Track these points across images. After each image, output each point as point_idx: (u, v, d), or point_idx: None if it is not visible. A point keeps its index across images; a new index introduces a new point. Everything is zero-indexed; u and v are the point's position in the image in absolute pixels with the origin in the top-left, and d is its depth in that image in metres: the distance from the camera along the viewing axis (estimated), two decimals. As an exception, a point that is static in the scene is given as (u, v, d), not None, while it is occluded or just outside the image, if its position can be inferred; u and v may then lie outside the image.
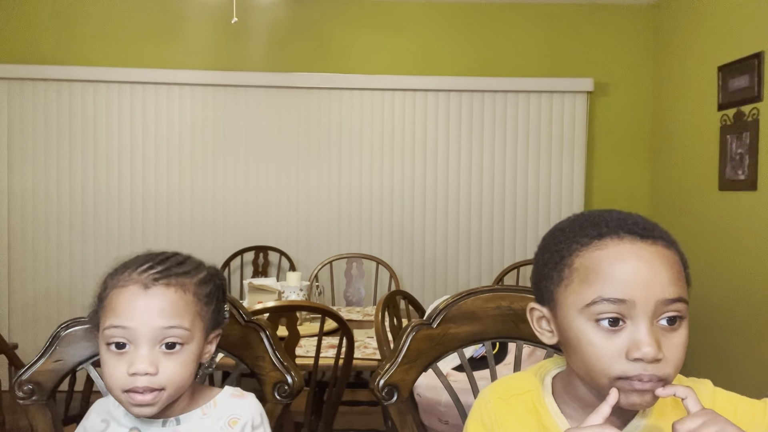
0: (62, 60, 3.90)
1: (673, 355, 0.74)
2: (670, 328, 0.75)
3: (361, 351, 2.37)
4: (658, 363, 0.73)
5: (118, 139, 3.96)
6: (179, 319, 0.90)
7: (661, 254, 0.76)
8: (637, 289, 0.74)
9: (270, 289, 2.82)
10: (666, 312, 0.75)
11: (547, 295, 0.84)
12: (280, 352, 1.16)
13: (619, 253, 0.76)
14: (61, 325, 1.15)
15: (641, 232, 0.77)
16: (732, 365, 3.19)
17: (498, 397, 0.88)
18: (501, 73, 4.03)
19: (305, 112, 4.03)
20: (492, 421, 0.87)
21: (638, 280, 0.74)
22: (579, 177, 4.05)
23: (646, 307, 0.74)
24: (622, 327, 0.75)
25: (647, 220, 0.81)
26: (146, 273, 0.92)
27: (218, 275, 1.02)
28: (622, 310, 0.74)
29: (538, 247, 0.88)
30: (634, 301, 0.74)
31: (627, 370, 0.74)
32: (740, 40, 3.11)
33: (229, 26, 3.73)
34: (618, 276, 0.75)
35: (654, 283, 0.74)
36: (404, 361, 1.09)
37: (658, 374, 0.73)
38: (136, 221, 3.98)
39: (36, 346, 3.44)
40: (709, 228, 3.38)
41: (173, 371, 0.90)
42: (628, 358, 0.74)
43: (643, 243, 0.77)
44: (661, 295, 0.74)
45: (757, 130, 2.99)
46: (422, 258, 4.09)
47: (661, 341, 0.74)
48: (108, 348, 0.90)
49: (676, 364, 0.75)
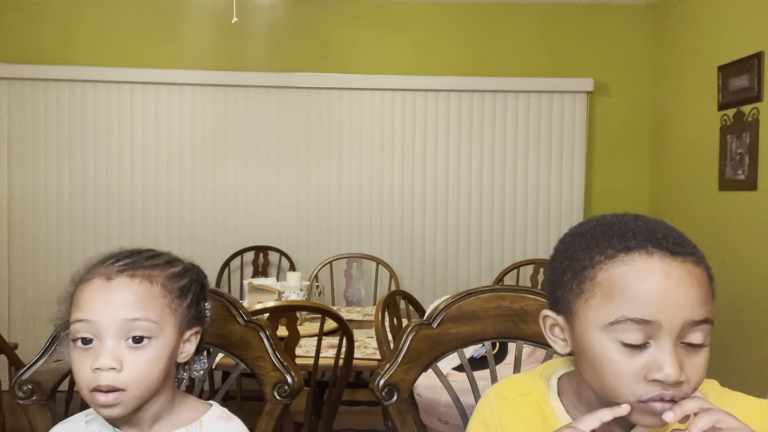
0: (62, 60, 3.90)
1: (695, 376, 0.71)
2: (693, 349, 0.72)
3: (361, 351, 2.37)
4: (679, 385, 0.70)
5: (118, 139, 3.96)
6: (144, 311, 0.85)
7: (692, 273, 0.72)
8: (665, 311, 0.70)
9: (270, 289, 2.82)
10: (692, 332, 0.71)
11: (564, 305, 0.79)
12: (280, 352, 1.16)
13: (648, 270, 0.71)
14: (62, 325, 1.15)
15: (672, 248, 0.73)
16: (733, 365, 3.19)
17: (502, 397, 0.86)
18: (501, 73, 4.03)
19: (305, 112, 4.03)
20: (495, 421, 0.85)
21: (667, 301, 0.70)
22: (579, 177, 4.05)
23: (673, 329, 0.70)
24: (645, 347, 0.71)
25: (677, 233, 0.76)
26: (111, 266, 0.89)
27: (196, 270, 0.97)
28: (647, 330, 0.70)
29: (555, 251, 0.84)
30: (661, 322, 0.70)
31: (646, 392, 0.70)
32: (740, 40, 3.11)
33: (229, 26, 3.73)
34: (645, 296, 0.70)
35: (684, 305, 0.70)
36: (404, 361, 1.09)
37: (680, 395, 0.70)
38: (136, 221, 3.98)
39: (36, 346, 3.43)
40: (709, 228, 3.37)
41: (138, 368, 0.84)
42: (647, 378, 0.70)
43: (673, 260, 0.72)
44: (689, 317, 0.70)
45: (757, 130, 2.99)
46: (422, 258, 4.09)
47: (683, 361, 0.71)
48: (75, 345, 0.86)
49: (696, 386, 0.72)
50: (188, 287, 0.93)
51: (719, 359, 3.27)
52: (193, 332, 0.94)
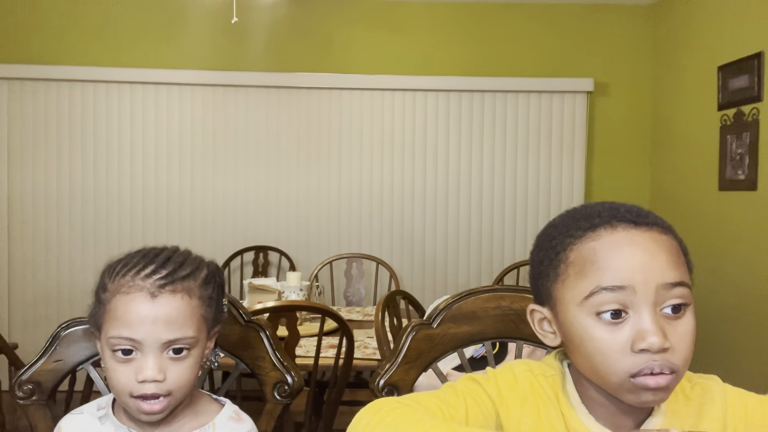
0: (62, 60, 3.90)
1: (681, 345, 0.72)
2: (674, 316, 0.72)
3: (361, 351, 2.37)
4: (665, 353, 0.70)
5: (118, 139, 3.96)
6: (186, 328, 0.90)
7: (658, 240, 0.74)
8: (635, 275, 0.71)
9: (270, 289, 2.82)
10: (669, 298, 0.72)
11: (546, 294, 0.81)
12: (280, 352, 1.16)
13: (614, 241, 0.74)
14: (61, 325, 1.15)
15: (635, 219, 0.76)
16: (734, 363, 3.19)
17: (528, 369, 0.84)
18: (501, 73, 4.03)
19: (305, 112, 4.03)
20: (496, 392, 0.82)
21: (636, 265, 0.72)
22: (579, 177, 4.05)
23: (647, 294, 0.71)
24: (624, 319, 0.72)
25: (640, 208, 0.79)
26: (151, 279, 0.90)
27: (218, 273, 1.01)
28: (623, 298, 0.71)
29: (533, 246, 0.86)
30: (634, 287, 0.71)
31: (635, 364, 0.71)
32: (740, 40, 3.11)
33: (229, 26, 3.73)
34: (614, 263, 0.72)
35: (652, 267, 0.72)
36: (404, 361, 1.09)
37: (668, 364, 0.70)
38: (136, 221, 3.98)
39: (36, 346, 3.44)
40: (709, 228, 3.38)
41: (180, 376, 0.90)
42: (634, 350, 0.71)
43: (637, 230, 0.75)
44: (660, 279, 0.71)
45: (757, 130, 2.99)
46: (422, 258, 4.09)
47: (666, 330, 0.71)
48: (114, 354, 0.90)
49: (685, 355, 0.72)
50: (214, 292, 0.98)
51: (720, 357, 3.28)
52: (215, 331, 0.99)
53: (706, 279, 3.35)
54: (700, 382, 0.84)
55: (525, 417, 0.80)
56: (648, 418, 0.80)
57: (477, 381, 0.83)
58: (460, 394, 0.80)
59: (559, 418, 0.80)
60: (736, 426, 0.81)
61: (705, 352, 3.39)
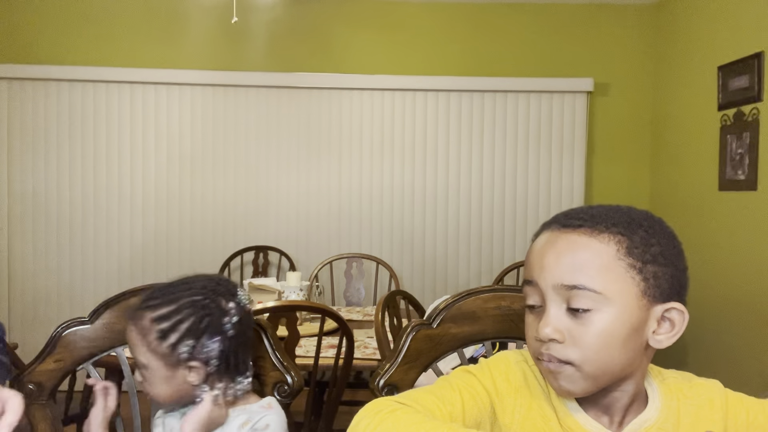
0: (62, 60, 3.91)
1: (581, 342, 0.75)
2: (576, 315, 0.75)
3: (361, 351, 2.37)
4: (558, 345, 0.75)
5: (118, 139, 3.96)
6: None
7: (576, 242, 0.76)
8: (539, 273, 0.78)
9: (270, 289, 2.82)
10: (570, 298, 0.75)
11: None
12: (280, 352, 1.16)
13: (539, 242, 0.81)
14: (61, 325, 1.15)
15: (564, 221, 0.80)
16: (733, 365, 3.19)
17: (523, 359, 0.88)
18: (501, 73, 4.03)
19: (305, 112, 4.03)
20: (492, 382, 0.85)
21: (541, 264, 0.78)
22: (579, 177, 4.05)
23: (547, 290, 0.77)
24: (540, 310, 0.78)
25: (590, 210, 0.79)
26: None
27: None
28: (536, 292, 0.78)
29: None
30: (537, 282, 0.78)
31: (535, 350, 0.79)
32: (740, 40, 3.11)
33: (229, 26, 3.74)
34: (528, 260, 0.81)
35: (553, 267, 0.76)
36: (404, 361, 1.09)
37: (557, 355, 0.76)
38: (136, 221, 3.98)
39: (36, 346, 3.44)
40: (709, 228, 3.37)
41: None
42: (536, 338, 0.78)
43: (561, 231, 0.79)
44: (558, 279, 0.76)
45: (757, 130, 2.99)
46: (422, 258, 4.09)
47: (570, 326, 0.75)
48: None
49: (584, 352, 0.75)
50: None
51: (719, 357, 3.28)
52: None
53: (706, 279, 3.35)
54: (701, 383, 0.85)
55: (518, 407, 0.83)
56: (633, 422, 0.81)
57: (472, 373, 0.86)
58: (455, 387, 0.83)
59: (551, 409, 0.83)
60: (738, 430, 0.81)
61: (704, 352, 3.39)
